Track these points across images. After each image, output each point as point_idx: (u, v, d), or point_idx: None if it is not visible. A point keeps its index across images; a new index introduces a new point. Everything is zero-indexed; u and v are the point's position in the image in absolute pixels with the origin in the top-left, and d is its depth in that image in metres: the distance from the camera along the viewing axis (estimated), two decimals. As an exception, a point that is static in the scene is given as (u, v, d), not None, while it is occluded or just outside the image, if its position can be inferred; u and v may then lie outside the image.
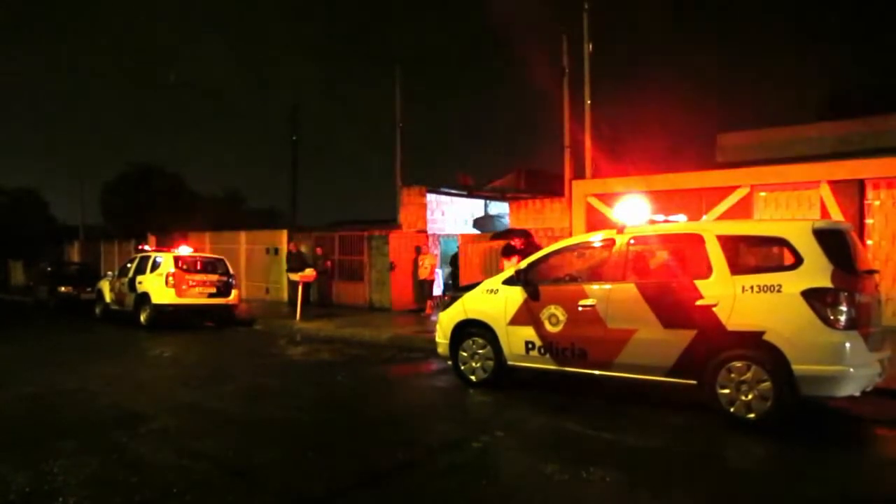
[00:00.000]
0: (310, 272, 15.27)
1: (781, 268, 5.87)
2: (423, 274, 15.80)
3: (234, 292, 14.95)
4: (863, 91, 20.27)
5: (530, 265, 7.32)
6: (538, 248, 9.16)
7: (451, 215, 19.93)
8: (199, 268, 14.72)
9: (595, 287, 6.69)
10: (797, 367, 5.45)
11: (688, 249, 6.47)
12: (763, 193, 11.97)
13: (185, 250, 14.91)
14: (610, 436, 5.56)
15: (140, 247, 17.37)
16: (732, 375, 5.73)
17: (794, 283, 5.58)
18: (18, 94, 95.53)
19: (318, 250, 17.81)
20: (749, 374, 5.65)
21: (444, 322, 7.97)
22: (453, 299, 8.12)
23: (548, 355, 6.95)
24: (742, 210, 11.95)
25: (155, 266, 14.52)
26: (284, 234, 20.44)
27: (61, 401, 7.01)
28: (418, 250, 16.38)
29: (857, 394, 5.65)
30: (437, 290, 17.43)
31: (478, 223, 14.76)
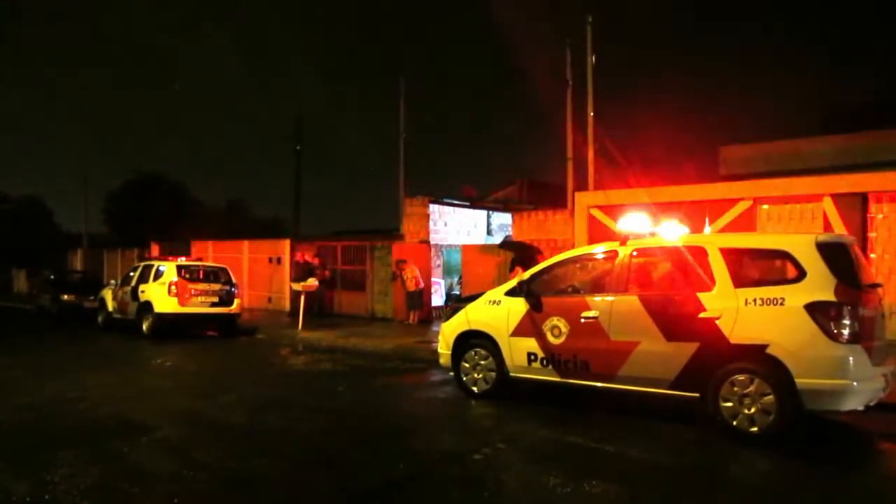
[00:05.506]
0: (312, 282, 15.29)
1: (784, 281, 5.85)
2: (410, 286, 15.74)
3: (236, 301, 14.97)
4: (865, 104, 20.29)
5: (533, 276, 7.33)
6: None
7: (454, 226, 19.95)
8: (201, 277, 14.74)
9: (598, 299, 6.69)
10: (800, 381, 5.44)
11: (691, 262, 6.46)
12: (766, 206, 11.96)
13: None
14: (612, 448, 5.54)
15: (148, 255, 17.41)
16: (735, 388, 5.72)
17: (797, 296, 5.58)
18: (23, 101, 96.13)
19: (316, 260, 17.82)
20: (752, 388, 5.64)
21: (447, 333, 7.96)
22: (456, 310, 8.11)
23: (550, 367, 6.94)
24: (745, 223, 11.94)
25: (158, 275, 14.54)
26: (287, 244, 20.48)
27: (63, 410, 7.00)
28: (400, 264, 16.27)
29: (861, 408, 5.63)
30: (439, 300, 17.42)
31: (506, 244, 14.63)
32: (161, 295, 14.06)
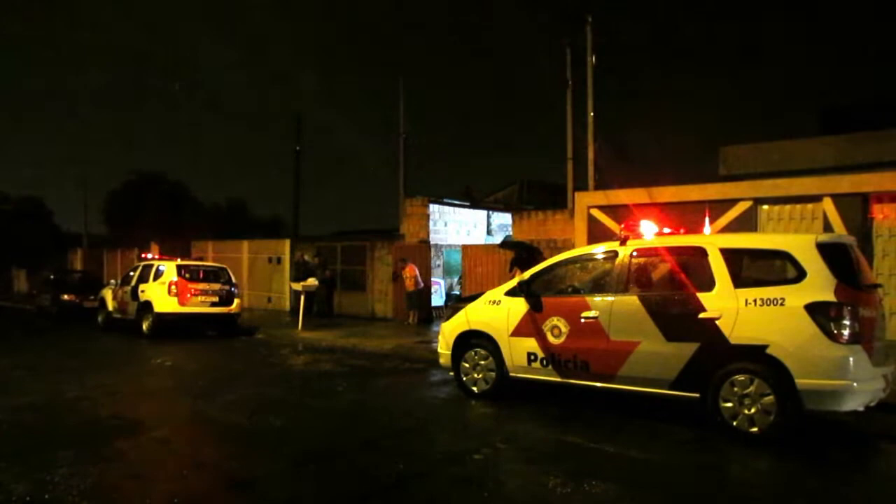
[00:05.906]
0: (312, 282, 15.29)
1: (784, 281, 5.85)
2: (410, 286, 15.73)
3: (236, 301, 14.96)
4: (865, 104, 20.29)
5: (533, 276, 7.32)
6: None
7: (454, 226, 19.97)
8: (201, 277, 14.74)
9: (598, 299, 6.69)
10: (800, 382, 5.44)
11: (691, 262, 6.46)
12: (765, 207, 11.96)
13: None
14: (612, 449, 5.54)
15: (143, 255, 17.44)
16: (735, 389, 5.72)
17: (797, 296, 5.57)
18: (24, 102, 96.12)
19: (316, 260, 17.81)
20: (752, 388, 5.64)
21: (447, 333, 7.96)
22: (456, 310, 8.11)
23: (550, 367, 6.94)
24: (745, 223, 11.94)
25: (158, 275, 14.54)
26: (287, 244, 20.49)
27: (62, 409, 7.00)
28: (400, 263, 16.29)
29: (861, 408, 5.63)
30: (439, 300, 17.41)
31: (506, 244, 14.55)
32: (161, 295, 14.06)
